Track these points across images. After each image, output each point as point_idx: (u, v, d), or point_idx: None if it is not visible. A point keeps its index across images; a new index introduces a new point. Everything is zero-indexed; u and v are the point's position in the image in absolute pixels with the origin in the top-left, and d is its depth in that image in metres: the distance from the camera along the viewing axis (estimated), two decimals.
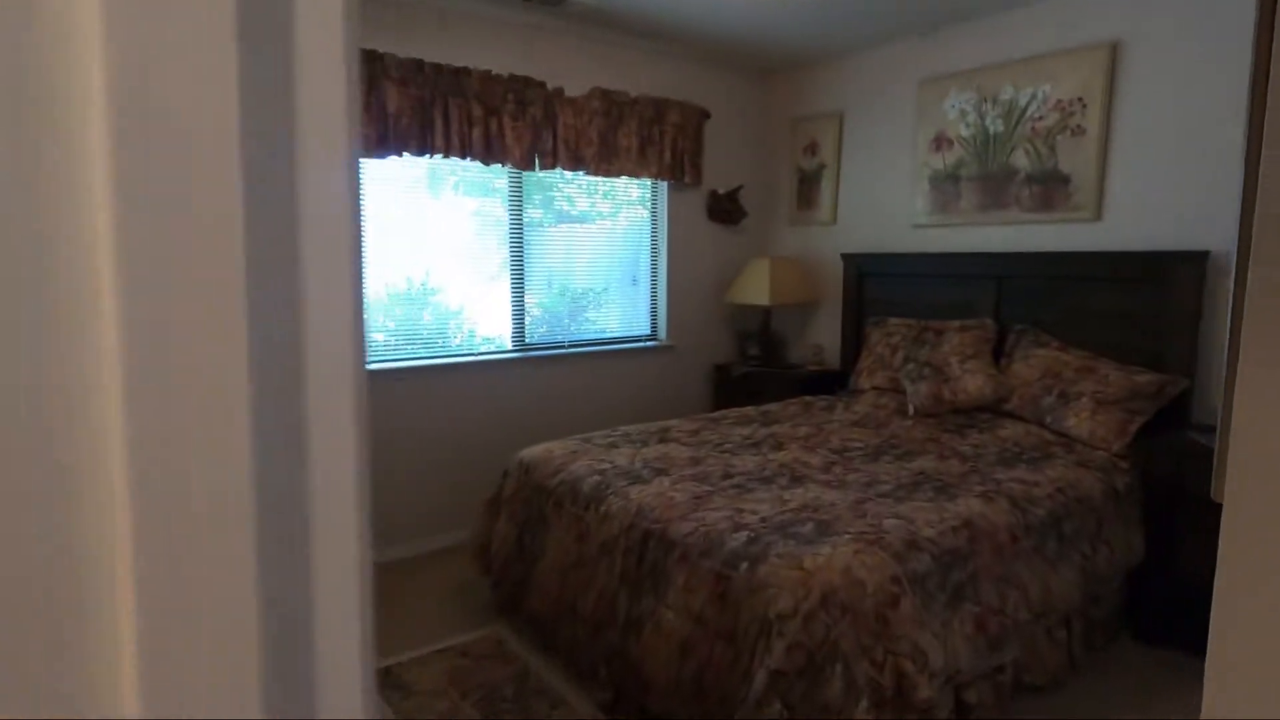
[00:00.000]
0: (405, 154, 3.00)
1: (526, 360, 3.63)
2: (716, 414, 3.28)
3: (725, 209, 4.20)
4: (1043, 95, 3.09)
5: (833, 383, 3.94)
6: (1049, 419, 2.79)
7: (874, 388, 3.49)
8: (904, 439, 2.79)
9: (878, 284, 3.79)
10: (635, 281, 4.05)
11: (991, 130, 3.28)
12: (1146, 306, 2.80)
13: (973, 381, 3.02)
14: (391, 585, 3.03)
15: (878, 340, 3.62)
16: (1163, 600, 2.42)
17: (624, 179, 3.86)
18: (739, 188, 4.23)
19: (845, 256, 3.90)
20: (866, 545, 1.80)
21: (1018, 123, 3.18)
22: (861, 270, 3.84)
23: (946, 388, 3.06)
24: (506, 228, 3.53)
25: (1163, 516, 2.47)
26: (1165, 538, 2.46)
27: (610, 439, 2.84)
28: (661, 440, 2.82)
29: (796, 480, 2.31)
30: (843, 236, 4.02)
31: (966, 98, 3.35)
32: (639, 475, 2.38)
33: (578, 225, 3.80)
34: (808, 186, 4.15)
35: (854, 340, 3.89)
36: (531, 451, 2.75)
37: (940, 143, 3.48)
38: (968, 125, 3.36)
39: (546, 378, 3.71)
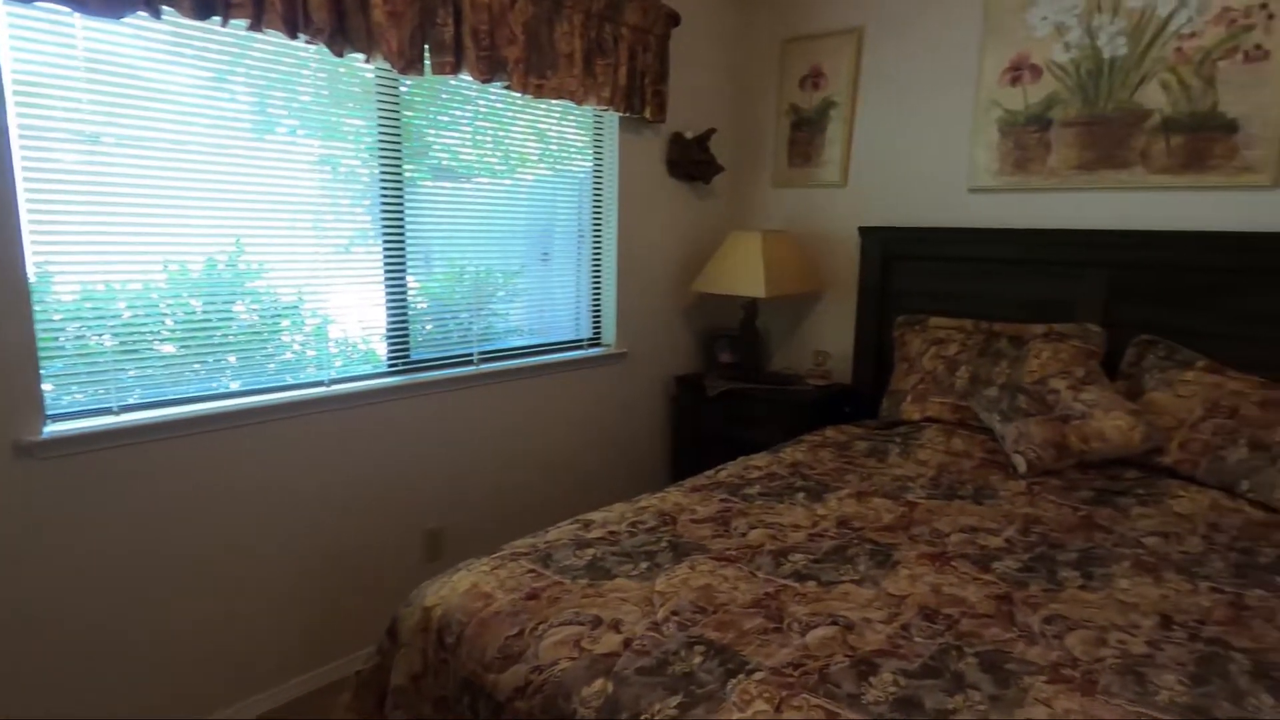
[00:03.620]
0: (170, 6, 1.55)
1: (412, 385, 2.28)
2: (722, 474, 2.12)
3: (694, 161, 3.00)
4: (1198, 1, 2.13)
5: (844, 404, 2.89)
6: (1244, 485, 1.87)
7: (929, 419, 2.46)
8: (1049, 524, 1.77)
9: (912, 270, 2.76)
10: (545, 257, 2.73)
11: (1108, 53, 2.29)
12: None
13: (1110, 422, 2.06)
14: None
15: (920, 349, 2.60)
16: None
17: (560, 105, 2.55)
18: (710, 132, 3.03)
19: (865, 231, 2.83)
20: None
21: (1152, 42, 2.21)
22: (889, 251, 2.79)
23: (1071, 431, 2.07)
24: (375, 184, 2.13)
25: None
26: None
27: (587, 548, 1.60)
28: (674, 547, 1.62)
29: (995, 667, 1.19)
30: (858, 203, 2.94)
31: (1067, 5, 2.35)
32: (694, 678, 1.17)
33: (464, 181, 2.45)
34: (806, 133, 3.04)
35: (874, 346, 2.86)
36: (447, 594, 1.46)
37: (1021, 71, 2.46)
38: (1068, 46, 2.36)
39: (447, 411, 2.37)
